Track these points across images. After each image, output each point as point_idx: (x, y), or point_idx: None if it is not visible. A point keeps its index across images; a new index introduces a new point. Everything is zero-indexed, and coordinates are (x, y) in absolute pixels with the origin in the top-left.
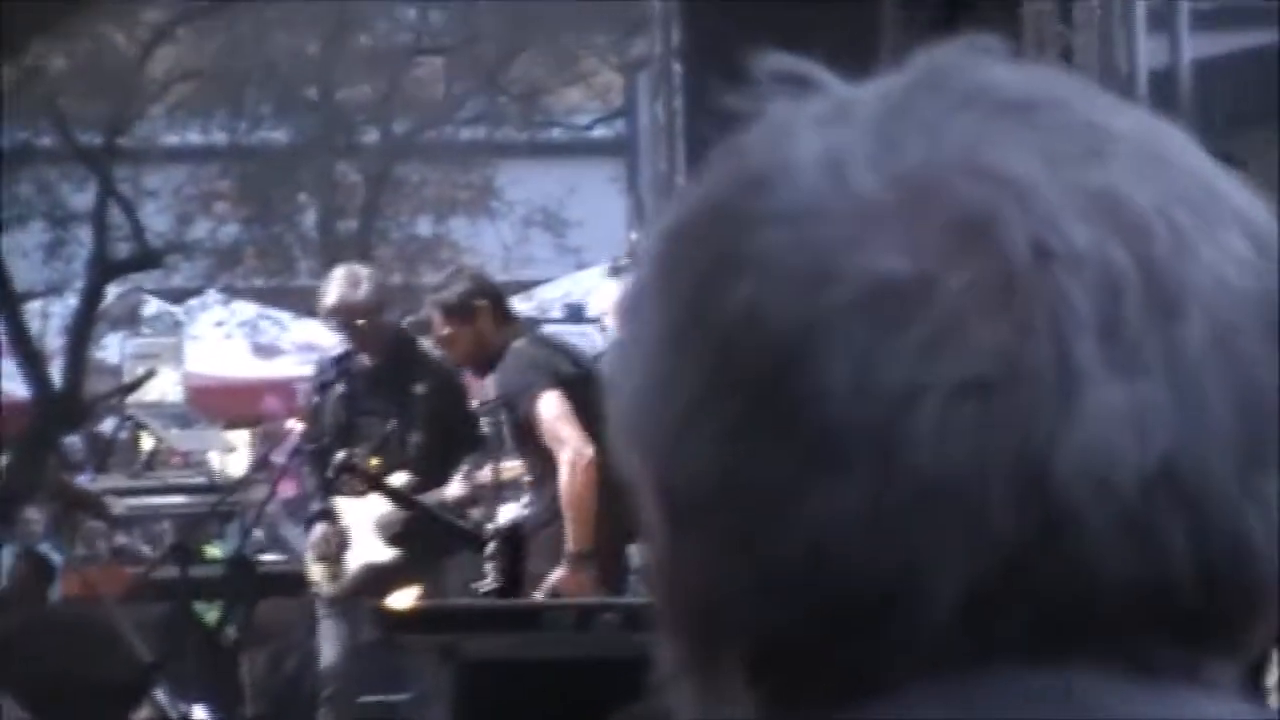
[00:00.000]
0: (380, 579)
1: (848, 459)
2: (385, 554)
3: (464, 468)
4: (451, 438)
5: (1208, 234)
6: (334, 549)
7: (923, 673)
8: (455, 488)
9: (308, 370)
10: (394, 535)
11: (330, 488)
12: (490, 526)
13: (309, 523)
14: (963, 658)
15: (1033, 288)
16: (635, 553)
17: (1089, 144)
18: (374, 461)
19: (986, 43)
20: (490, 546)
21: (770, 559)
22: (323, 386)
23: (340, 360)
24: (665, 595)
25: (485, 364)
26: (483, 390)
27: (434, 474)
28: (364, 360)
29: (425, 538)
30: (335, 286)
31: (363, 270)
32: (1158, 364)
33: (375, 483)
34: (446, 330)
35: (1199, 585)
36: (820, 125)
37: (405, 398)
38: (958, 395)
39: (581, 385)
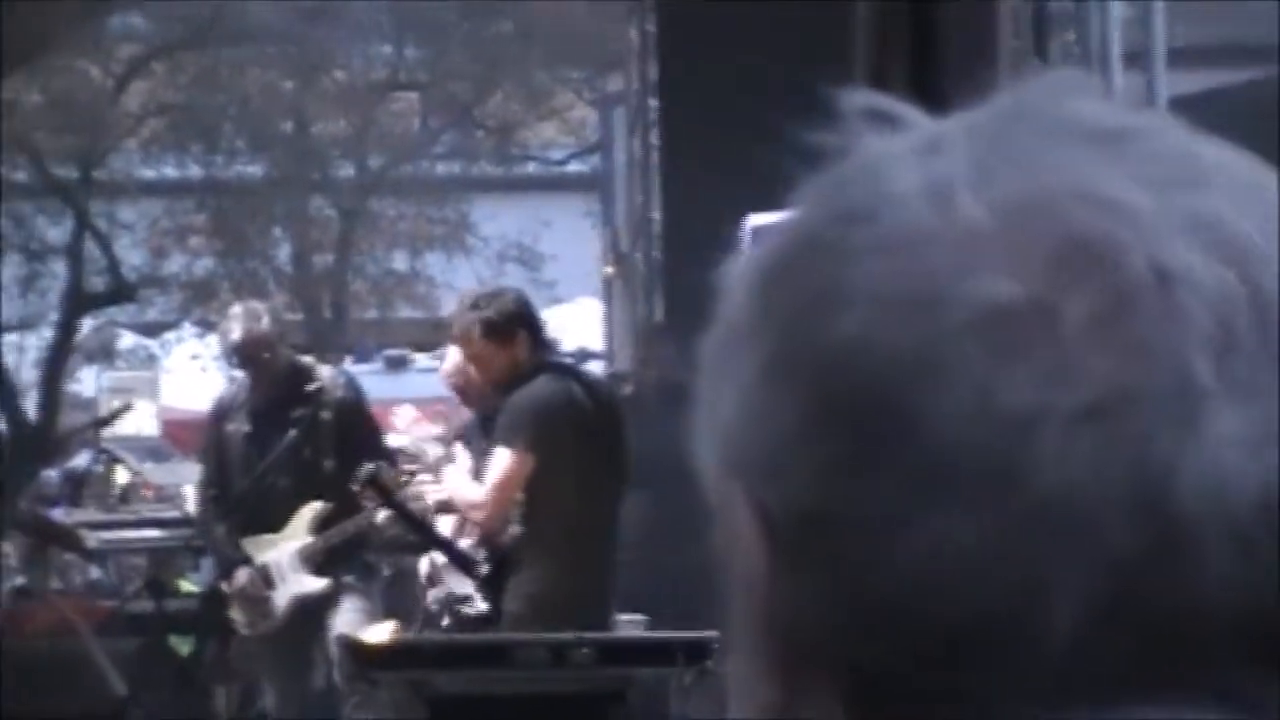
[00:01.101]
0: (313, 609)
1: (961, 487)
2: (315, 584)
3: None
4: (362, 461)
5: None
6: (259, 590)
7: (1021, 705)
8: (381, 512)
9: None
10: (319, 565)
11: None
12: (484, 553)
13: (226, 570)
14: (1064, 690)
15: (1153, 309)
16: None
17: (1185, 172)
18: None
19: (1069, 76)
20: (483, 572)
21: (876, 589)
22: (220, 421)
23: (242, 397)
24: (758, 626)
25: (512, 387)
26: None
27: (349, 500)
28: (264, 396)
29: (351, 563)
30: (237, 323)
31: (260, 306)
32: (1271, 385)
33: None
34: (483, 347)
35: None
36: (917, 157)
37: (312, 428)
38: (1078, 419)
39: (593, 415)
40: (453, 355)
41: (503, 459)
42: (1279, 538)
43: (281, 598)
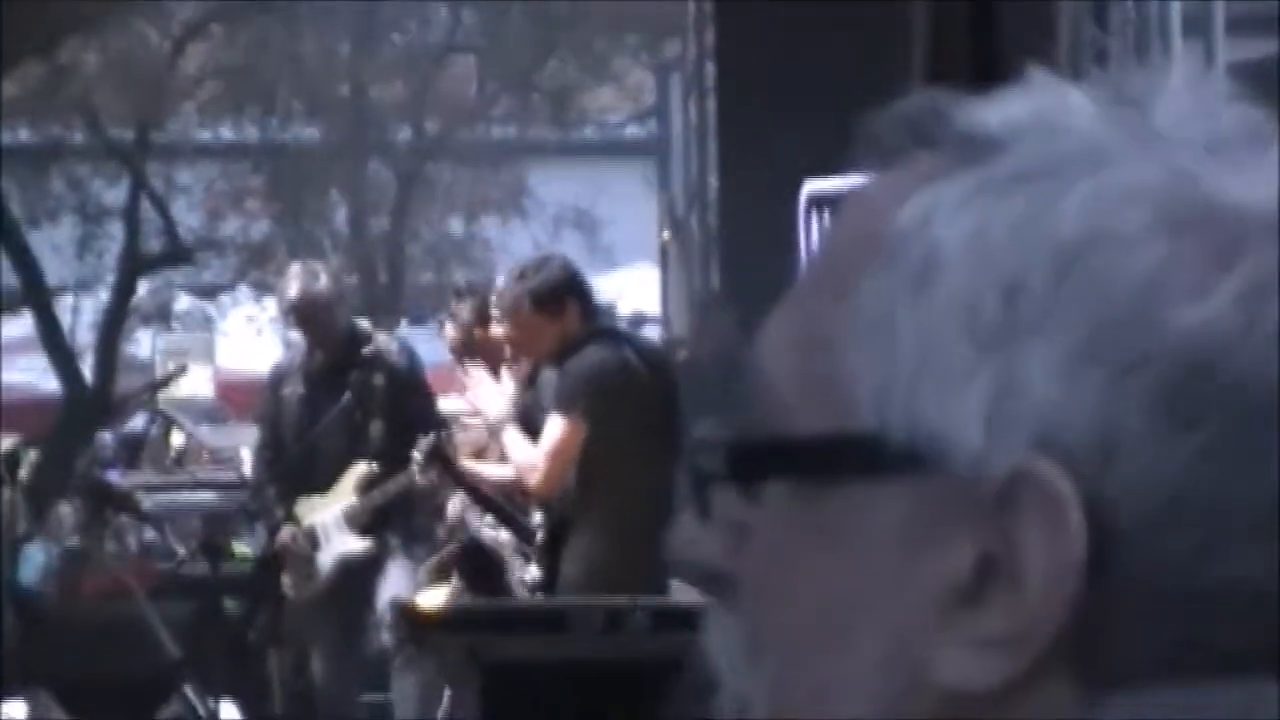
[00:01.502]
0: (357, 571)
1: None
2: (359, 545)
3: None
4: (413, 426)
5: None
6: (305, 551)
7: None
8: (420, 475)
9: None
10: (364, 526)
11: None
12: (538, 519)
13: (272, 530)
14: None
15: None
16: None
17: None
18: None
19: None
20: (538, 538)
21: (1217, 578)
22: (277, 385)
23: (297, 360)
24: (1032, 613)
25: (564, 356)
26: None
27: (397, 462)
28: (320, 355)
29: (399, 526)
30: (295, 281)
31: (319, 265)
32: None
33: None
34: (532, 318)
35: None
36: (1195, 141)
37: (364, 391)
38: None
39: (648, 381)
40: (451, 324)
41: (557, 426)
42: None
43: (326, 559)
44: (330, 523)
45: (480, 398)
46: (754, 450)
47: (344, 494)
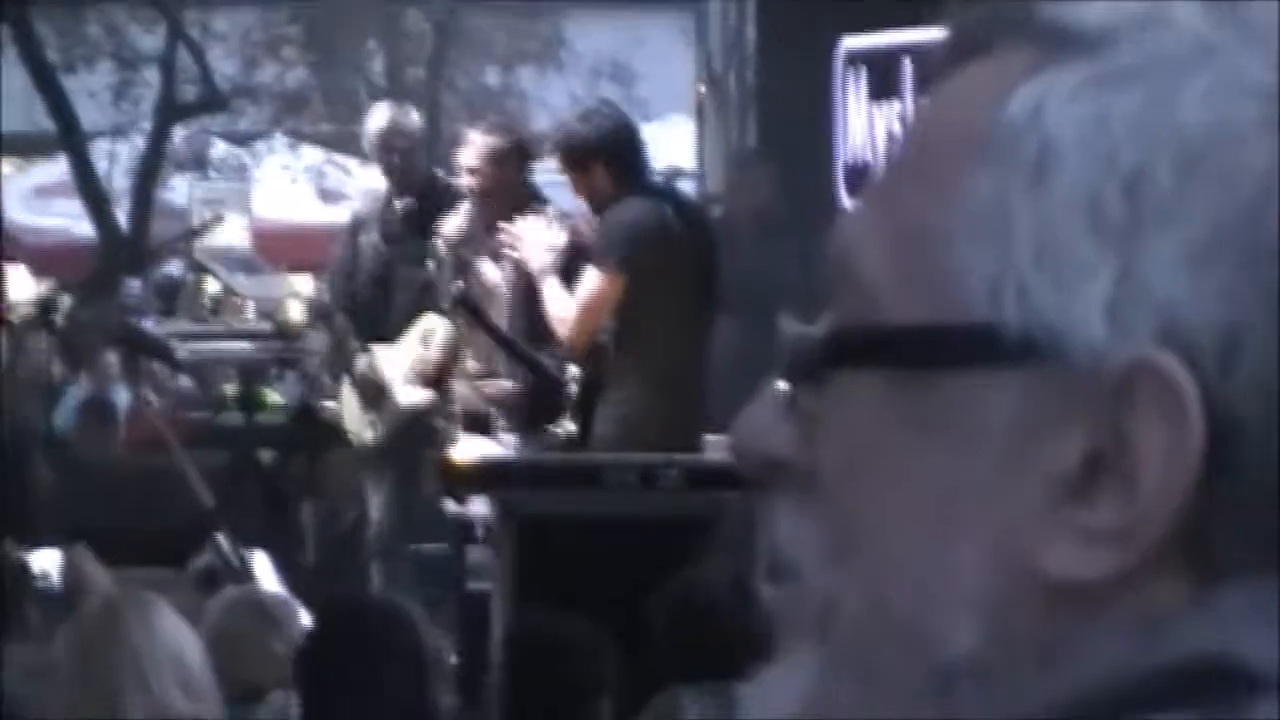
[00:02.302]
0: (421, 422)
1: None
2: (423, 396)
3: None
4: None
5: None
6: (373, 394)
7: None
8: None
9: None
10: (430, 379)
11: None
12: (572, 371)
13: (345, 371)
14: None
15: None
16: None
17: None
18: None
19: None
20: (572, 392)
21: None
22: (355, 232)
23: (376, 205)
24: (1144, 507)
25: (604, 207)
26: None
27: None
28: (398, 204)
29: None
30: (382, 114)
31: (409, 105)
32: None
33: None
34: (576, 167)
35: None
36: None
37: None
38: None
39: (685, 237)
40: (467, 154)
41: (592, 278)
42: None
43: (393, 408)
44: (397, 373)
45: (526, 247)
46: (849, 340)
47: (411, 345)
